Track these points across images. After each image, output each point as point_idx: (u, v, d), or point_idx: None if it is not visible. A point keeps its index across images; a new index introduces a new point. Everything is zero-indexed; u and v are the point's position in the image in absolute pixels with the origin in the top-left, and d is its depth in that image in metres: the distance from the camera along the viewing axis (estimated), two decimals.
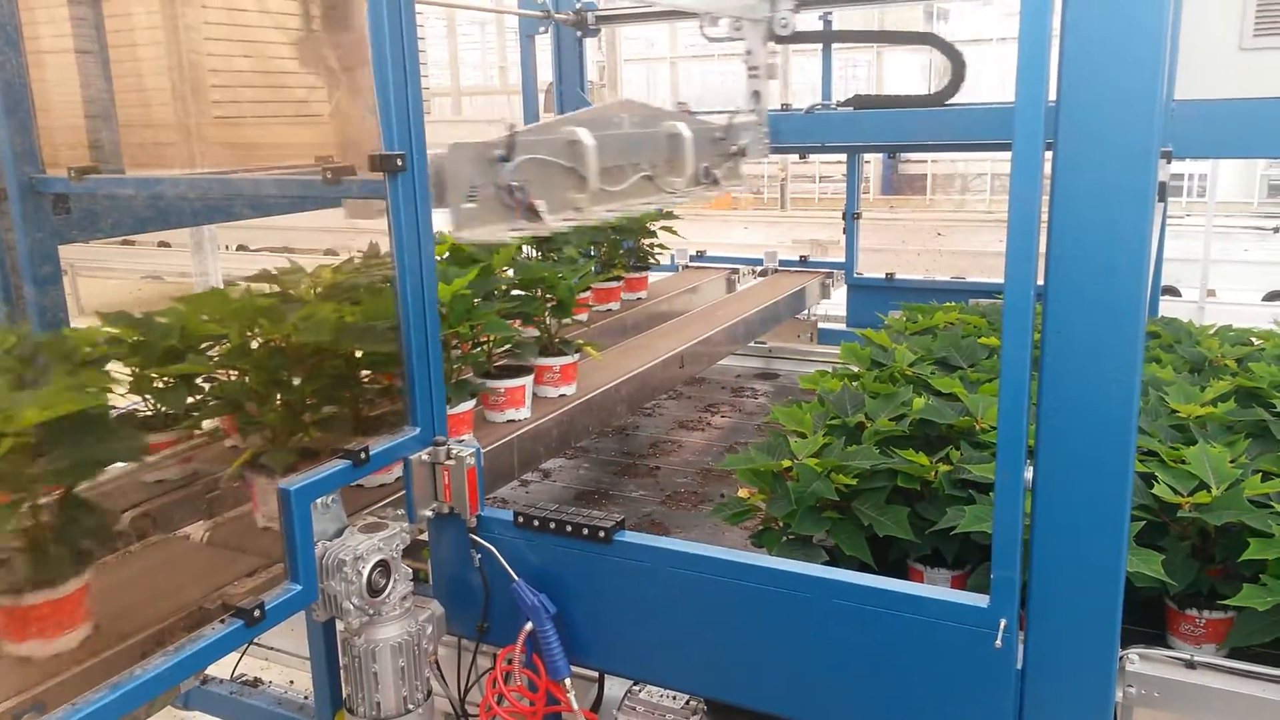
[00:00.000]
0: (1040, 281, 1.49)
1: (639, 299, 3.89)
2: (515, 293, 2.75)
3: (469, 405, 2.38)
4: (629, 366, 2.92)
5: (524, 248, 3.14)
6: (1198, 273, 8.94)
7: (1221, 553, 1.90)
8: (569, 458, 3.27)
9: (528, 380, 2.57)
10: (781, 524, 2.14)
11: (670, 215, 4.09)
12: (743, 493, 2.81)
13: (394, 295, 1.93)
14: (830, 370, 3.12)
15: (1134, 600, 1.60)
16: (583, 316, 3.45)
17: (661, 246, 4.17)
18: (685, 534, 2.64)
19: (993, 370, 2.80)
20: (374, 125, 1.84)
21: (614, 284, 3.76)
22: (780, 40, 4.01)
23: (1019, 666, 1.61)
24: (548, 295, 2.75)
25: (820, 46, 4.65)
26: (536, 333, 2.77)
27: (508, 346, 2.70)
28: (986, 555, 2.01)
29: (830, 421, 2.46)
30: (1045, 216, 1.48)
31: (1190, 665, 1.73)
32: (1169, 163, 2.61)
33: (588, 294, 3.51)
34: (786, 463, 2.21)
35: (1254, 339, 3.07)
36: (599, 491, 2.98)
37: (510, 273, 2.80)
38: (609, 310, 3.69)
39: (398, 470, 2.12)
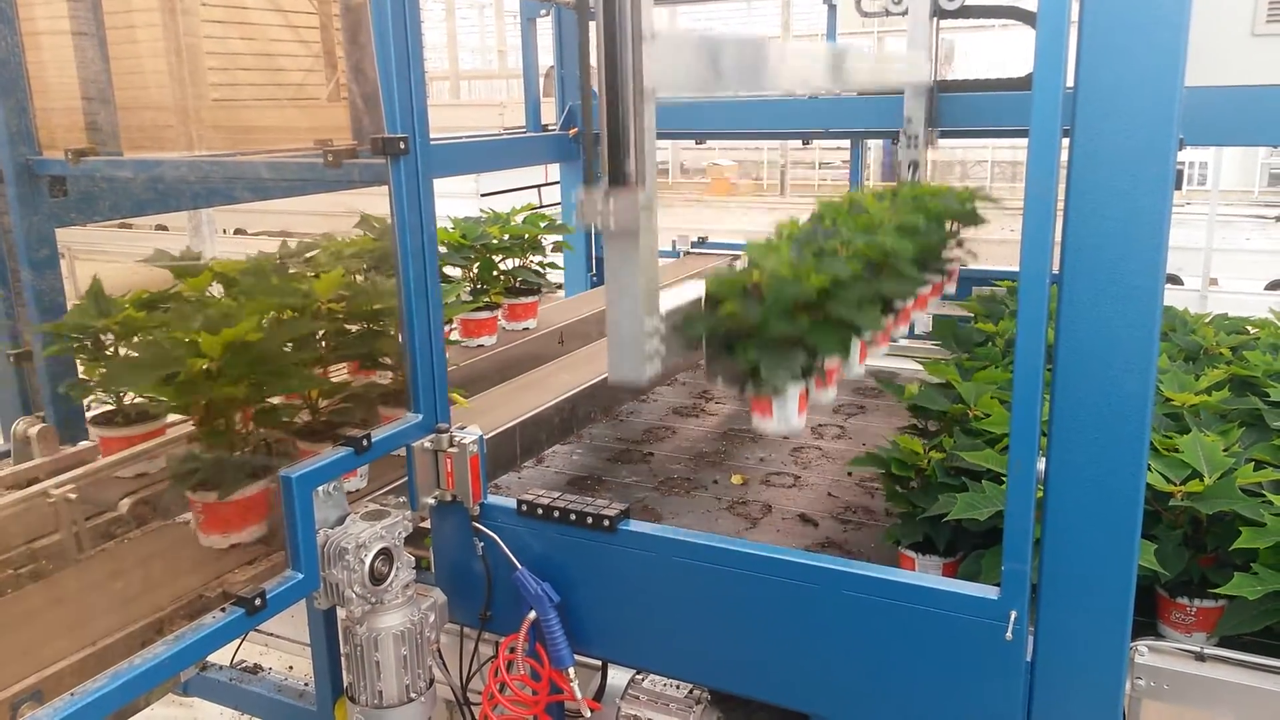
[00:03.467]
0: (1055, 270, 1.47)
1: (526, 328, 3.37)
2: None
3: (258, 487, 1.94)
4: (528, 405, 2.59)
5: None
6: (1199, 261, 8.92)
7: (1213, 541, 1.89)
8: (564, 443, 3.25)
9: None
10: (755, 330, 1.99)
11: (563, 229, 3.63)
12: (735, 478, 2.82)
13: (396, 280, 1.91)
14: None
15: None
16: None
17: (553, 265, 3.59)
18: (677, 519, 2.63)
19: (987, 357, 2.79)
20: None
21: (529, 299, 3.36)
22: (945, 15, 3.82)
23: (1029, 658, 1.60)
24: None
25: (825, 30, 4.61)
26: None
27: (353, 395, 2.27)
28: (978, 542, 2.01)
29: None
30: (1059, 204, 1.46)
31: (1200, 658, 1.71)
32: (1180, 150, 2.58)
33: (493, 314, 3.16)
34: (755, 274, 2.04)
35: (1250, 327, 3.06)
36: (592, 477, 2.97)
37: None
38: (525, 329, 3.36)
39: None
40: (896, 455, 2.19)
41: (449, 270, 3.18)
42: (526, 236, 3.33)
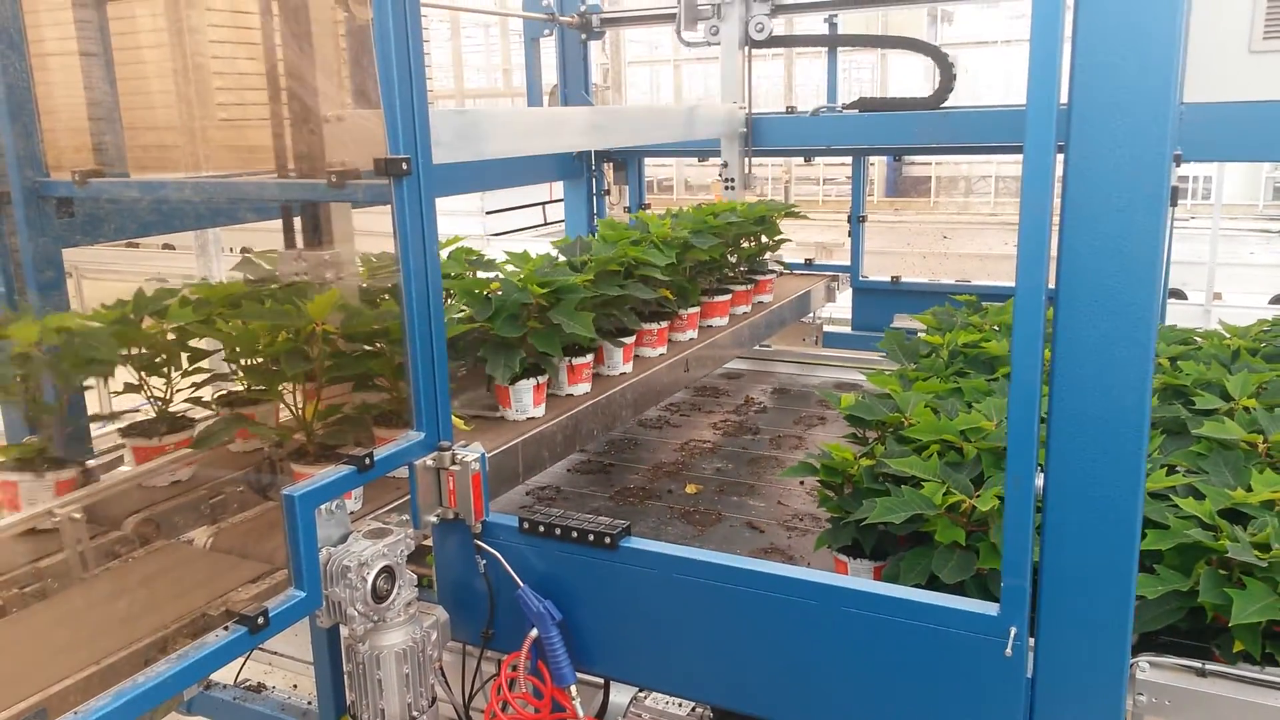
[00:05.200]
0: (1051, 285, 1.47)
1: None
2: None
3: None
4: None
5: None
6: (1203, 275, 8.91)
7: None
8: None
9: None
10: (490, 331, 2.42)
11: (491, 265, 2.81)
12: (690, 488, 2.95)
13: (399, 299, 1.92)
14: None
15: None
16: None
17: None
18: None
19: (930, 368, 2.85)
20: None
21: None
22: (756, 45, 4.06)
23: (1029, 674, 1.60)
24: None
25: (825, 50, 4.63)
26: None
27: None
28: (902, 546, 2.05)
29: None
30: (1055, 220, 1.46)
31: (1201, 673, 1.71)
32: (1177, 166, 2.59)
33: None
34: (495, 285, 2.49)
35: (1197, 338, 3.09)
36: (551, 487, 3.00)
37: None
38: None
39: None
40: (827, 462, 2.25)
41: None
42: (454, 275, 2.80)
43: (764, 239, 3.85)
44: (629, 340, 2.89)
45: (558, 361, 2.58)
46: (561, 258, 2.92)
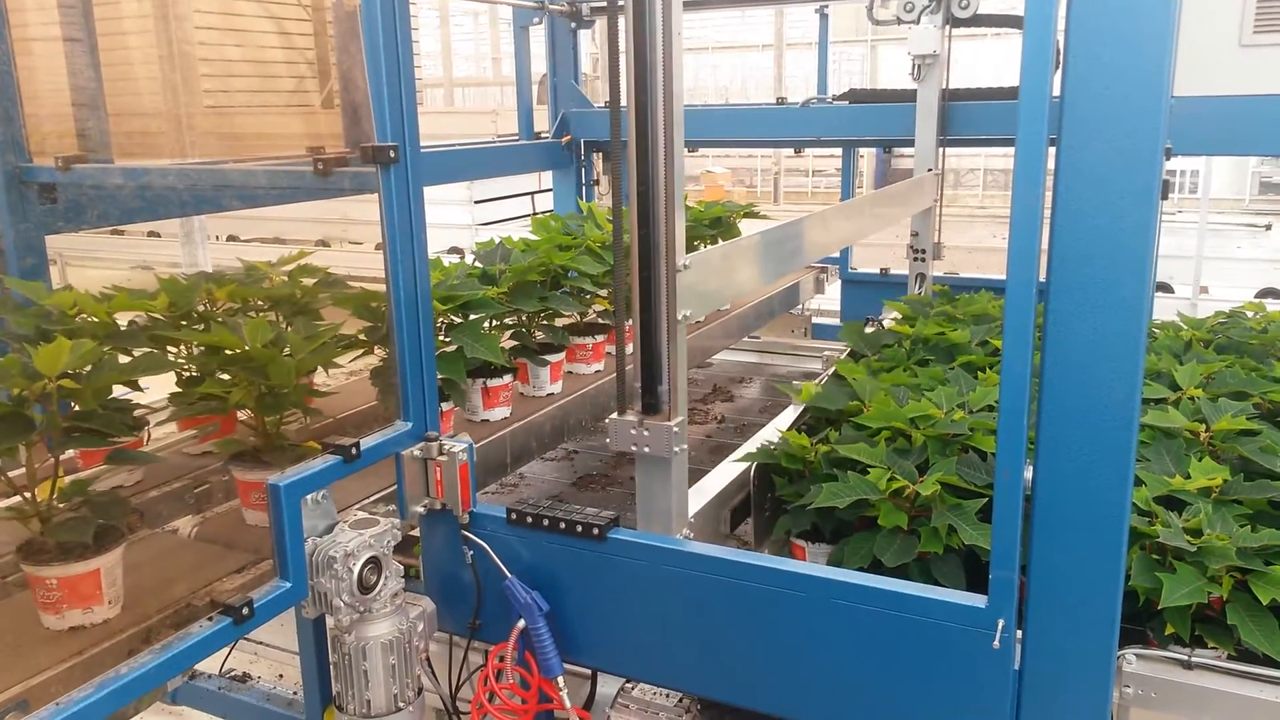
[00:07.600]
0: (1042, 278, 1.47)
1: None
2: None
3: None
4: None
5: None
6: (1190, 269, 8.95)
7: None
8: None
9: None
10: None
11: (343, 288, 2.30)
12: None
13: (386, 288, 1.91)
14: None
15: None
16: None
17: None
18: None
19: (893, 358, 2.87)
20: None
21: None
22: (959, 23, 3.96)
23: (1017, 667, 1.60)
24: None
25: (817, 40, 4.62)
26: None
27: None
28: (855, 529, 2.08)
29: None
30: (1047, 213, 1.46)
31: (1187, 666, 1.72)
32: (1167, 160, 2.59)
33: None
34: None
35: (1155, 329, 3.12)
36: (516, 473, 3.01)
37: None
38: None
39: None
40: (785, 449, 2.26)
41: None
42: (299, 295, 2.25)
43: (720, 242, 3.71)
44: (557, 357, 2.65)
45: (465, 387, 2.39)
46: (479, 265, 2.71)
